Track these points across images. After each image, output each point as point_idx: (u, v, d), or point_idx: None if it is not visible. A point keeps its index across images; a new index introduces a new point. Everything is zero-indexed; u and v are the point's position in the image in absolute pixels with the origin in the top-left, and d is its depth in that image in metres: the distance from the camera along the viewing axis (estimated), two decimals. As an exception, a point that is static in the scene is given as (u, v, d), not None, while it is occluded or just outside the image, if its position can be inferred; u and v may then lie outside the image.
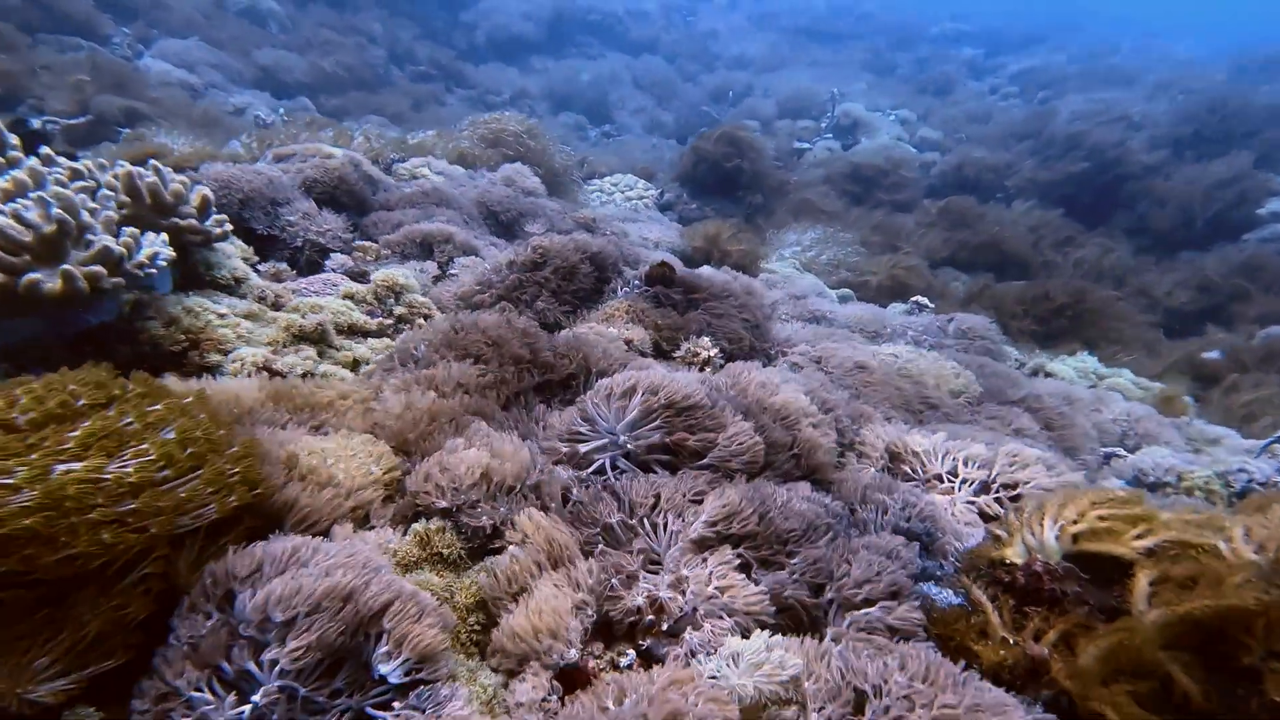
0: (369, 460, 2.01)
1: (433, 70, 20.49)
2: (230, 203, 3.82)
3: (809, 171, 12.85)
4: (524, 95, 20.70)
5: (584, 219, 5.92)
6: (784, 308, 5.22)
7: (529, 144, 7.55)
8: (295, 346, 2.67)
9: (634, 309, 3.71)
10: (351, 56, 17.94)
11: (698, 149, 10.33)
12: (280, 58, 16.30)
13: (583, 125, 20.33)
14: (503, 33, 26.87)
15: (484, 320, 2.70)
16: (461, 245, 4.42)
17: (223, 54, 14.48)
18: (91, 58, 10.52)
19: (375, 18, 22.19)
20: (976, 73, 25.35)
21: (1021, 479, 2.64)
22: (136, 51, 13.72)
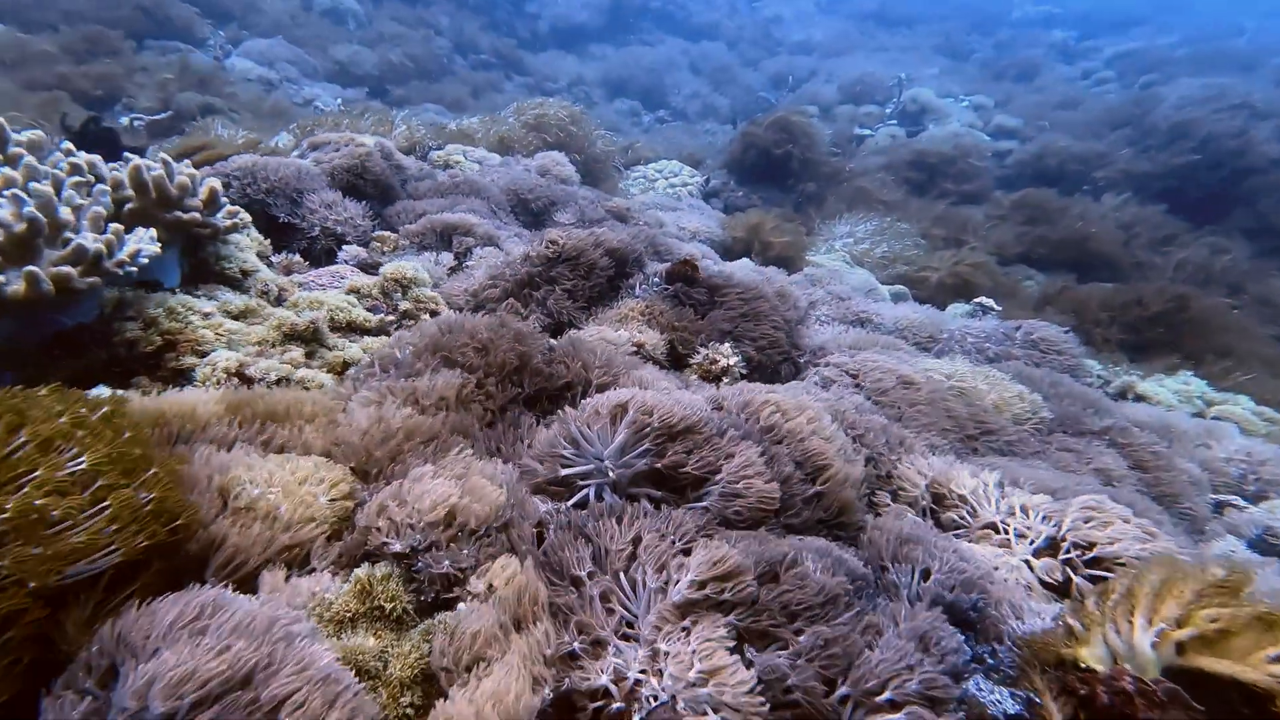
0: (319, 487, 1.68)
1: (493, 59, 20.35)
2: (254, 192, 3.61)
3: (868, 159, 12.00)
4: (580, 82, 20.34)
5: (617, 208, 5.51)
6: (824, 308, 4.68)
7: (570, 130, 7.17)
8: (284, 347, 2.39)
9: (651, 309, 3.30)
10: (418, 48, 17.96)
11: (747, 134, 9.72)
12: (354, 52, 16.44)
13: (637, 111, 19.83)
14: (564, 21, 26.57)
15: (472, 323, 2.35)
16: (482, 236, 4.10)
17: (301, 51, 14.67)
18: (182, 59, 10.75)
19: (443, 10, 22.23)
20: (1066, 56, 23.40)
21: (1100, 540, 2.11)
22: (226, 52, 14.04)
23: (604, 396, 2.07)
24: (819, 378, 3.27)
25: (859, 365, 3.22)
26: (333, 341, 2.63)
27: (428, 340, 2.28)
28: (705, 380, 3.14)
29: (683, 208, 7.06)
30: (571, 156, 7.14)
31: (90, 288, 1.87)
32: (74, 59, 9.40)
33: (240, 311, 2.55)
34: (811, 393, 2.85)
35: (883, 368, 3.19)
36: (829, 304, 4.70)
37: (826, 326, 4.38)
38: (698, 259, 5.03)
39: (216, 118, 8.99)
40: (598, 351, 2.53)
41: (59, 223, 2.03)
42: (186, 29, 13.37)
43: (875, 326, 4.55)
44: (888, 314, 4.73)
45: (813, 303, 4.68)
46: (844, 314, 4.59)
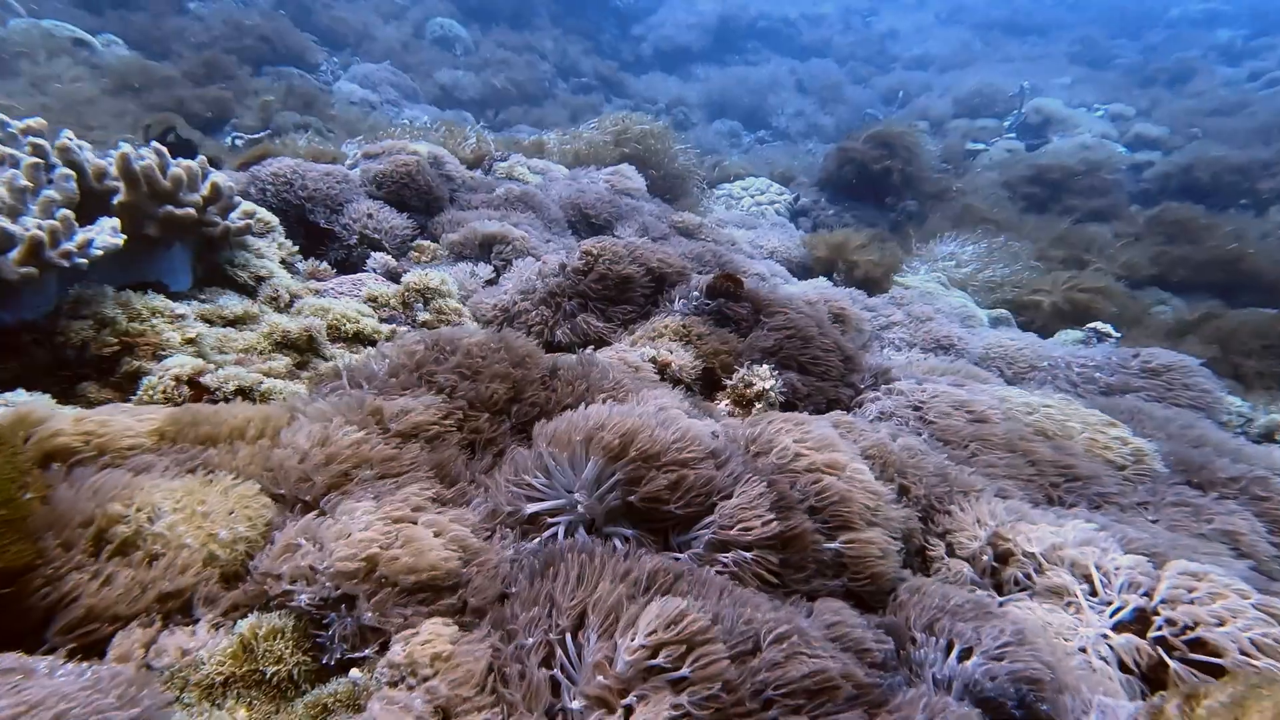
0: (222, 520, 1.48)
1: (594, 81, 20.90)
2: (291, 197, 3.71)
3: (979, 175, 11.16)
4: (680, 103, 20.45)
5: (685, 223, 5.30)
6: (899, 331, 4.22)
7: (650, 144, 7.07)
8: (269, 356, 2.34)
9: (687, 327, 3.04)
10: (521, 73, 18.72)
11: (844, 150, 9.26)
12: (458, 77, 17.38)
13: (737, 132, 19.67)
14: (668, 43, 27.03)
15: (466, 340, 2.17)
16: (524, 247, 4.01)
17: (405, 76, 15.67)
18: (289, 83, 11.73)
19: (549, 35, 23.16)
20: (1230, 58, 21.12)
21: (1204, 618, 1.63)
22: (336, 76, 15.25)
23: (577, 415, 1.83)
24: (877, 409, 2.88)
25: (924, 395, 2.80)
26: (330, 352, 2.56)
27: (407, 355, 2.11)
28: (738, 405, 2.84)
29: (763, 226, 6.75)
30: (648, 172, 7.03)
31: (24, 279, 1.80)
32: (193, 83, 10.43)
33: (236, 317, 2.53)
34: (859, 426, 2.49)
35: (952, 399, 2.76)
36: (906, 326, 4.24)
37: (899, 352, 3.94)
38: (744, 273, 4.73)
39: (311, 136, 9.66)
40: (609, 372, 2.30)
41: None
42: (301, 56, 14.62)
43: (960, 352, 4.05)
44: (975, 340, 4.20)
45: (886, 325, 4.24)
46: (921, 338, 4.12)
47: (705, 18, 27.57)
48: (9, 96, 8.24)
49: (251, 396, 2.00)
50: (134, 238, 2.50)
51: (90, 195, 2.41)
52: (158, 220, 2.40)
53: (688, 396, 2.80)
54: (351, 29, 17.97)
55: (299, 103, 11.10)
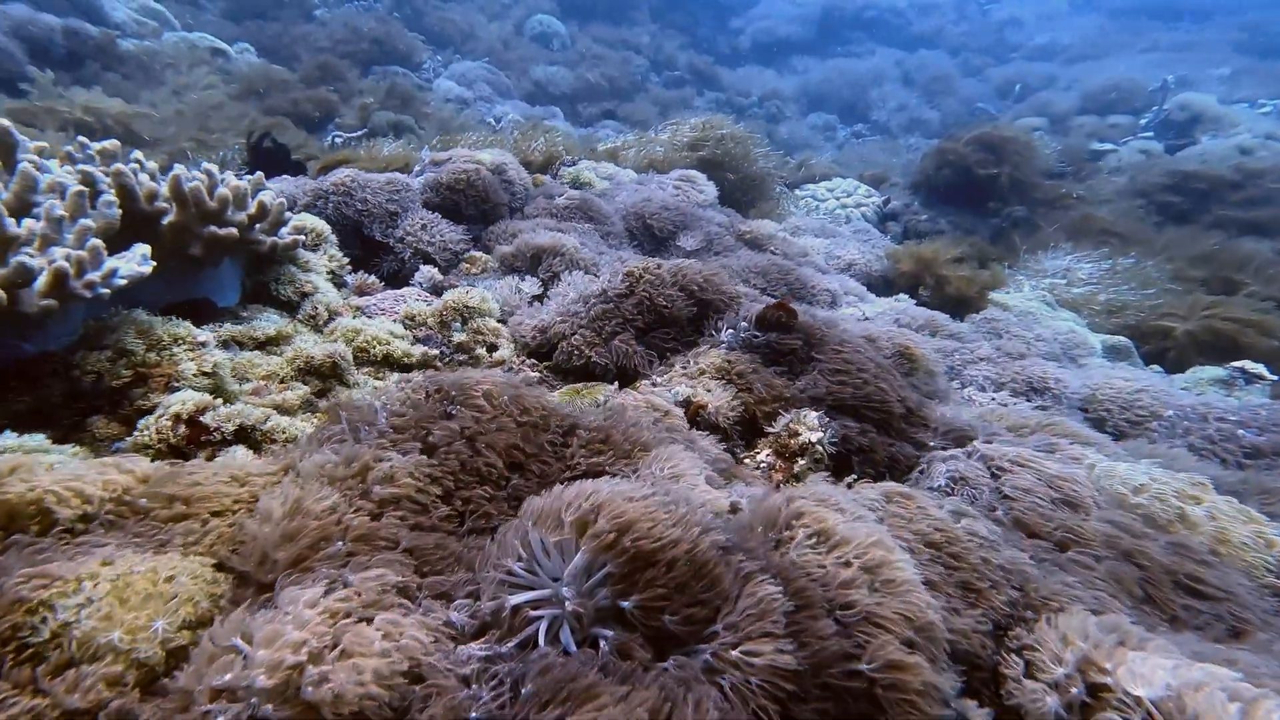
0: (164, 610, 1.28)
1: (687, 75, 20.54)
2: (348, 209, 3.69)
3: (1105, 181, 10.01)
4: (774, 96, 19.77)
5: (753, 234, 4.95)
6: (984, 369, 3.70)
7: (728, 148, 6.72)
8: (287, 385, 2.25)
9: (730, 362, 2.74)
10: (614, 68, 18.66)
11: (943, 151, 8.51)
12: (552, 73, 17.52)
13: (832, 126, 18.79)
14: (768, 35, 26.30)
15: (475, 395, 1.96)
16: (575, 260, 3.82)
17: (502, 73, 15.94)
18: (391, 82, 12.14)
19: (646, 30, 23.04)
20: None
21: None
22: (437, 73, 15.72)
23: (571, 493, 1.60)
24: (945, 475, 2.48)
25: (1003, 461, 2.38)
26: (355, 378, 2.45)
27: (408, 404, 1.93)
28: (780, 457, 2.52)
29: (843, 233, 6.26)
30: (725, 176, 6.70)
31: (44, 311, 1.80)
32: (306, 85, 10.97)
33: (268, 338, 2.47)
34: (917, 501, 2.12)
35: (1037, 472, 2.32)
36: (994, 364, 3.72)
37: (983, 392, 3.46)
38: (813, 288, 4.32)
39: (409, 135, 9.93)
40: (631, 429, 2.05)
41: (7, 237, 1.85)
42: (407, 56, 15.16)
43: (1056, 398, 3.52)
44: (1076, 381, 3.64)
45: (969, 360, 3.74)
46: (1011, 378, 3.60)
47: (808, 9, 26.61)
48: (152, 105, 8.93)
49: (252, 437, 1.89)
50: (181, 257, 2.50)
51: (142, 217, 2.41)
52: (202, 240, 2.38)
53: (722, 445, 2.52)
54: (458, 28, 18.50)
55: (397, 101, 11.47)
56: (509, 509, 1.78)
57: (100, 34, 10.28)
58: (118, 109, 7.61)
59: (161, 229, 2.37)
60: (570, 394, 2.72)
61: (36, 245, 1.92)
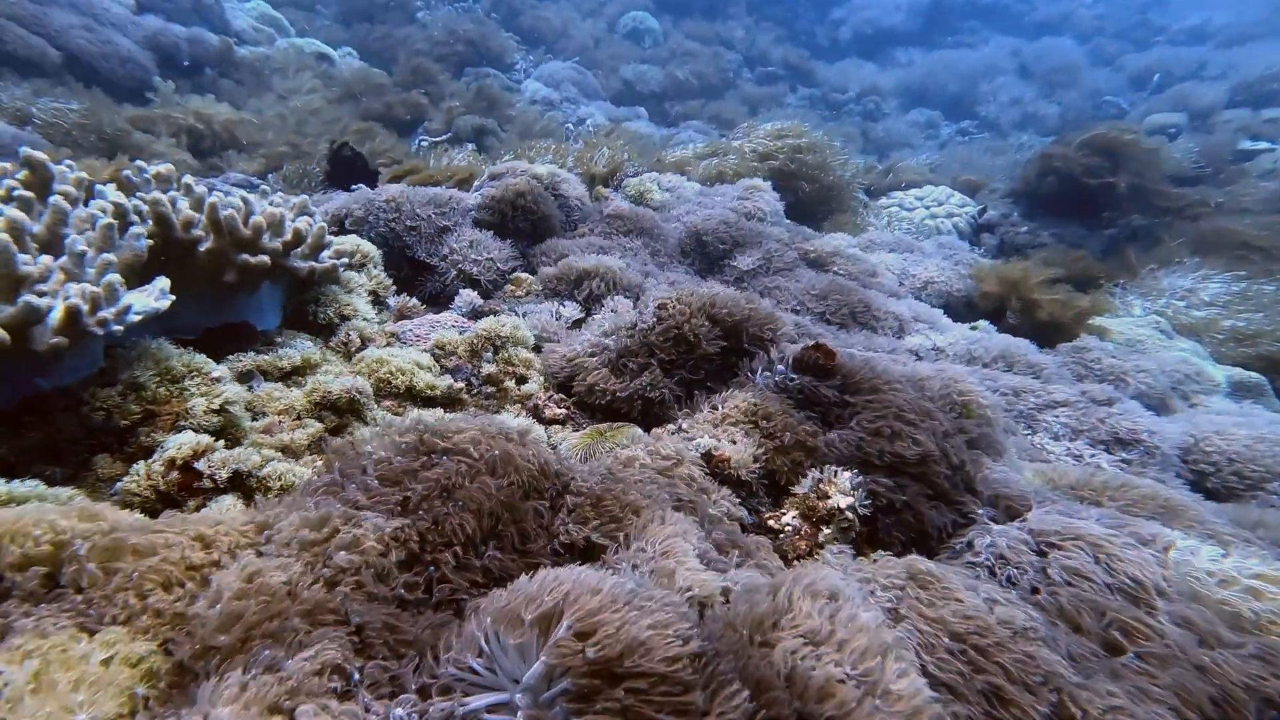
0: (86, 703, 1.18)
1: (781, 71, 20.03)
2: (398, 226, 3.79)
3: (1250, 186, 8.90)
4: (872, 92, 18.92)
5: (815, 252, 4.71)
6: (1063, 415, 3.32)
7: (801, 157, 6.45)
8: (303, 422, 2.31)
9: (759, 408, 2.60)
10: (705, 64, 18.45)
11: (1049, 156, 7.81)
12: (641, 71, 17.53)
13: (935, 123, 17.78)
14: (870, 26, 25.27)
15: (458, 446, 1.91)
16: (617, 284, 3.76)
17: (589, 73, 16.10)
18: (479, 85, 12.52)
19: (741, 24, 22.64)
20: None
21: None
22: (527, 74, 16.09)
23: (535, 585, 1.52)
24: (989, 551, 2.24)
25: (1055, 537, 2.12)
26: (374, 414, 2.49)
27: (397, 454, 1.87)
28: (806, 521, 2.36)
29: (924, 248, 5.87)
30: (799, 186, 6.46)
31: (51, 349, 1.90)
32: (401, 89, 11.47)
33: (294, 368, 2.56)
34: (946, 582, 1.93)
35: (1100, 553, 2.05)
36: (1076, 410, 3.34)
37: (1057, 441, 3.13)
38: (877, 313, 4.06)
39: (490, 138, 10.20)
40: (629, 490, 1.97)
41: (16, 277, 1.90)
42: (500, 57, 15.58)
43: (1147, 451, 3.13)
44: (1175, 429, 3.22)
45: (1046, 404, 3.39)
46: (1092, 426, 3.23)
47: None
48: (258, 111, 9.62)
49: (247, 484, 1.94)
50: (219, 283, 2.63)
51: (179, 245, 2.54)
52: (236, 267, 2.49)
53: (743, 501, 2.39)
54: (551, 27, 18.85)
55: (484, 104, 11.81)
56: (483, 580, 1.74)
57: (220, 42, 11.17)
58: (224, 116, 8.23)
59: (199, 256, 2.50)
60: (592, 437, 2.67)
61: (59, 280, 2.05)
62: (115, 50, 9.07)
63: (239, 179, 7.56)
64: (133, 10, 10.52)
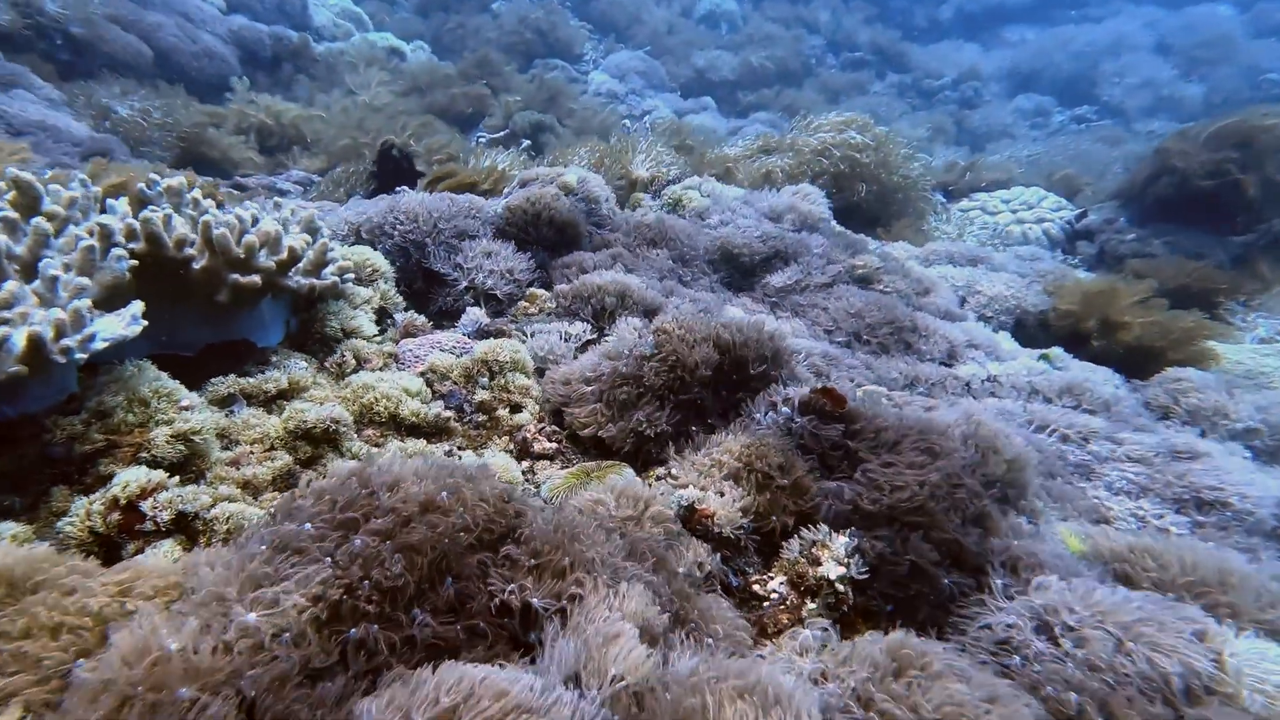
0: None
1: (868, 55, 19.23)
2: (415, 236, 3.82)
3: None
4: (971, 76, 17.87)
5: (859, 266, 4.43)
6: (1131, 471, 2.95)
7: (859, 157, 6.10)
8: (272, 455, 2.29)
9: (757, 452, 2.43)
10: (784, 49, 17.96)
11: (1166, 153, 7.06)
12: (714, 58, 17.24)
13: (1045, 110, 16.58)
14: (978, 3, 23.93)
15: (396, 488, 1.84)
16: (636, 303, 3.66)
17: (657, 62, 15.94)
18: (541, 78, 12.64)
19: (828, 5, 21.86)
20: None
21: None
22: (595, 64, 16.13)
23: (429, 687, 1.41)
24: (1000, 628, 2.01)
25: (1072, 618, 1.87)
26: (353, 444, 2.48)
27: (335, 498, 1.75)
28: (794, 589, 2.20)
29: (997, 259, 5.42)
30: (855, 187, 6.14)
31: (12, 378, 1.84)
32: (465, 81, 11.71)
33: (279, 392, 2.59)
34: (933, 667, 1.74)
35: (1131, 645, 1.79)
36: (1149, 466, 2.97)
37: (1115, 497, 2.80)
38: (923, 334, 3.78)
39: (546, 135, 10.27)
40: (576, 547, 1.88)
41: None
42: (568, 47, 15.66)
43: (1236, 516, 2.76)
44: (1271, 489, 2.82)
45: (1104, 456, 3.04)
46: (1165, 482, 2.87)
47: (1034, -34, 23.68)
48: (326, 106, 10.06)
49: (193, 526, 1.94)
50: (214, 301, 2.69)
51: (171, 263, 2.59)
52: (228, 287, 2.56)
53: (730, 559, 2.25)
54: (624, 13, 18.81)
55: (546, 97, 11.91)
56: (409, 649, 1.68)
57: (299, 38, 11.75)
58: (292, 113, 8.65)
59: (194, 274, 2.55)
60: (578, 477, 2.59)
61: (34, 303, 2.13)
62: (202, 47, 9.69)
63: (300, 176, 7.94)
64: (222, 10, 11.22)
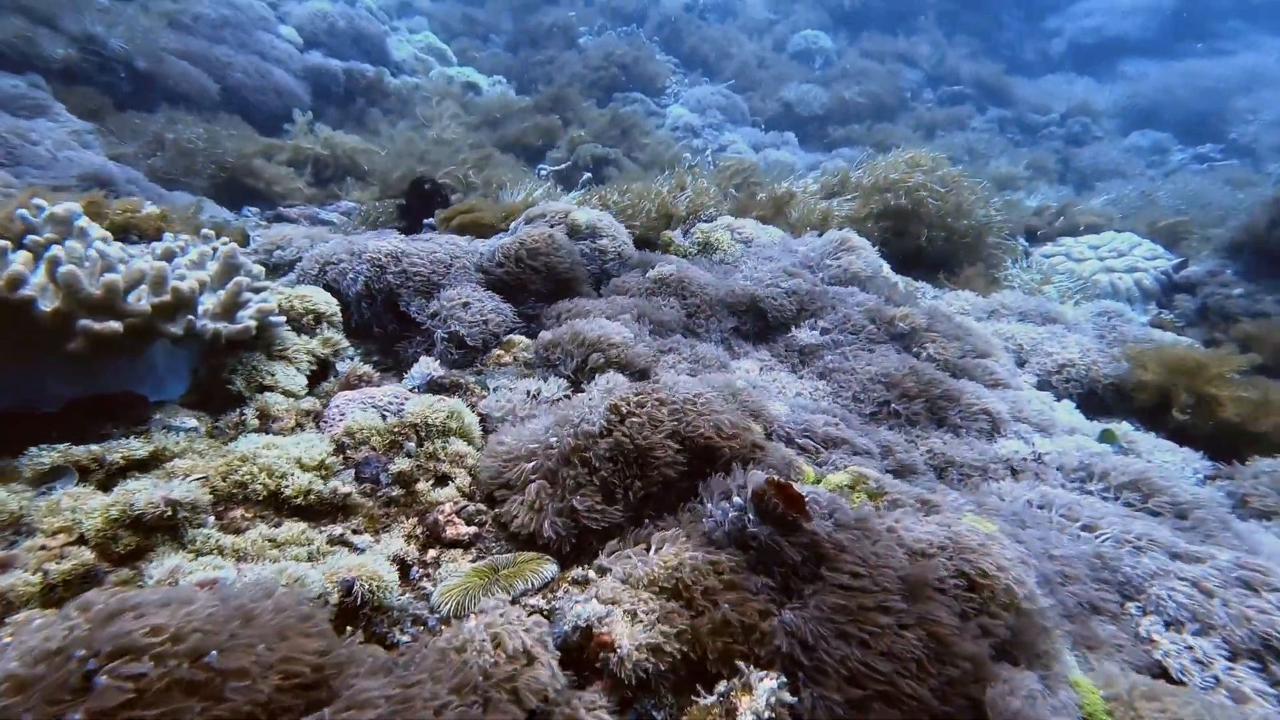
0: None
1: (969, 89, 18.22)
2: (393, 278, 3.56)
3: None
4: (1081, 111, 16.54)
5: (901, 320, 3.81)
6: (1176, 591, 2.21)
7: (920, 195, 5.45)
8: (58, 554, 1.87)
9: (692, 571, 1.93)
10: (878, 84, 17.27)
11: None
12: (804, 92, 16.79)
13: (1163, 147, 15.07)
14: (1093, 35, 22.45)
15: (141, 643, 1.36)
16: (621, 358, 3.22)
17: (739, 96, 15.64)
18: (615, 111, 12.54)
19: (929, 39, 21.05)
20: None
21: None
22: (677, 96, 16.00)
23: None
24: None
25: None
26: (199, 535, 2.01)
27: (36, 660, 1.35)
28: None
29: (1069, 316, 4.61)
30: (918, 230, 5.50)
31: None
32: (540, 114, 11.75)
33: (130, 463, 2.18)
34: None
35: None
36: (1218, 589, 2.23)
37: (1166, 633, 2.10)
38: (969, 409, 3.15)
39: (609, 168, 10.08)
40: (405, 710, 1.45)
41: None
42: (651, 81, 15.60)
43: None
44: None
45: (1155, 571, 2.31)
46: (1234, 616, 2.12)
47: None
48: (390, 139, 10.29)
49: None
50: (55, 352, 2.29)
51: (6, 306, 2.19)
52: (80, 334, 2.28)
53: (631, 702, 1.76)
54: (715, 48, 18.66)
55: (617, 132, 11.78)
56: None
57: (374, 73, 12.18)
58: (348, 145, 8.83)
59: (42, 317, 2.18)
60: (483, 575, 2.15)
61: None
62: (271, 83, 10.15)
63: (348, 207, 8.03)
64: (300, 48, 11.81)
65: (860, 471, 2.46)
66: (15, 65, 7.27)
